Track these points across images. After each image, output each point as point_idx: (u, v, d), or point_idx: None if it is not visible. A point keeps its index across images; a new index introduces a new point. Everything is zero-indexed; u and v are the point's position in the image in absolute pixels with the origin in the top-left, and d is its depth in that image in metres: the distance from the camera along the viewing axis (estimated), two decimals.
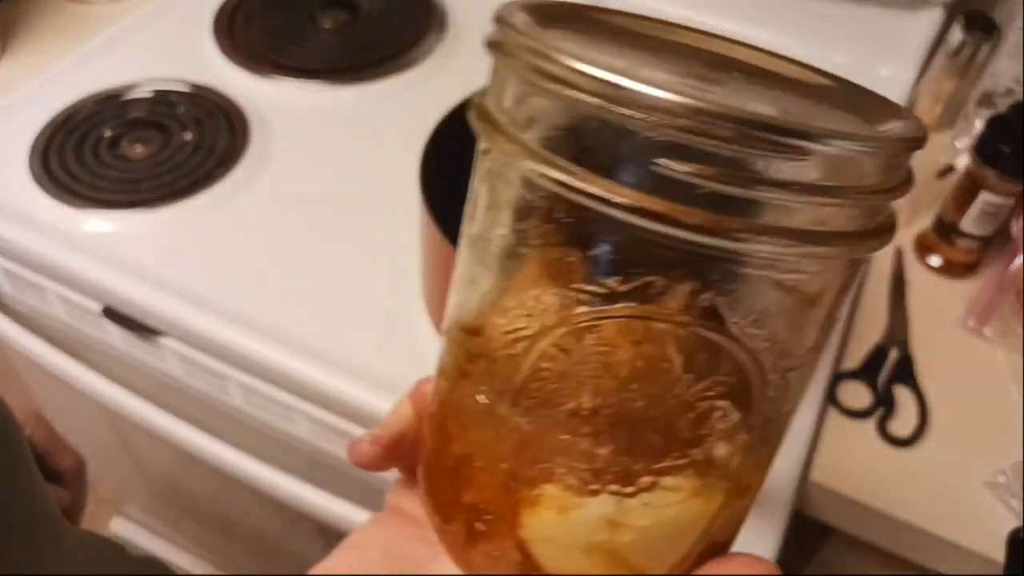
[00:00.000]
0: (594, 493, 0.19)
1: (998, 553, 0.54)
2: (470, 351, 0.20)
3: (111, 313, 0.70)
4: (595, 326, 0.18)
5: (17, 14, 0.94)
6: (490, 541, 0.20)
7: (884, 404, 0.64)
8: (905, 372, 0.66)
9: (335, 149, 0.79)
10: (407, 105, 0.82)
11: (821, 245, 0.17)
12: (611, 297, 0.17)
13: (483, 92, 0.20)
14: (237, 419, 0.73)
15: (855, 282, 0.19)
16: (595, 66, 0.16)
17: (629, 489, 0.19)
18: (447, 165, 0.61)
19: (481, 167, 0.20)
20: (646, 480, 0.19)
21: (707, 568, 0.21)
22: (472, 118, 0.20)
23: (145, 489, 1.08)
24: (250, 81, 0.84)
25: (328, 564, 0.25)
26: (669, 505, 0.19)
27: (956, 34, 0.80)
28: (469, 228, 0.21)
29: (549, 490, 0.19)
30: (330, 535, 0.79)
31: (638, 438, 0.18)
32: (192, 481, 0.96)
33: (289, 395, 0.65)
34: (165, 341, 0.69)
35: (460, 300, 0.21)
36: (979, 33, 0.79)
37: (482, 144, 0.20)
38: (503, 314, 0.19)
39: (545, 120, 0.18)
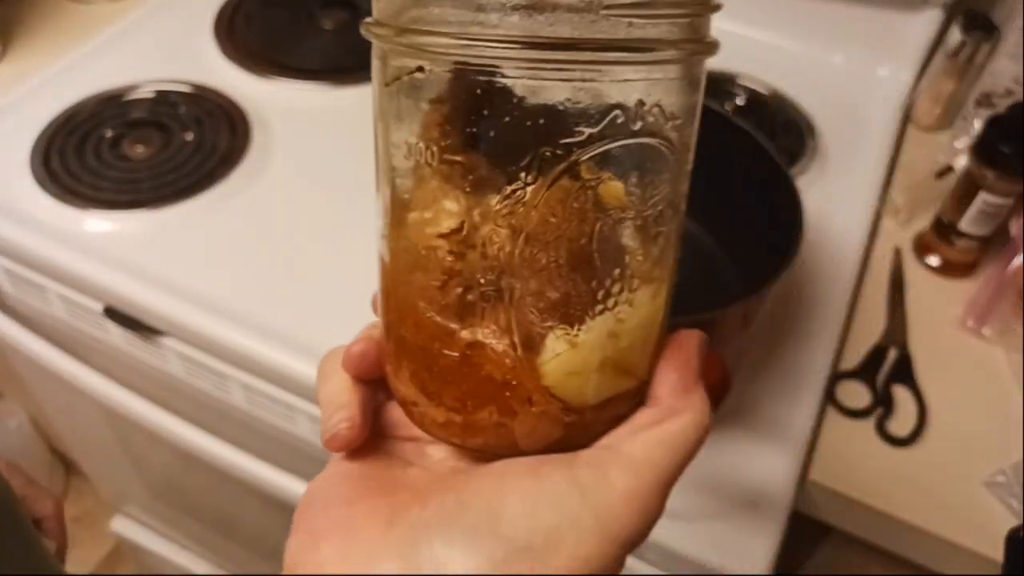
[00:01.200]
0: (592, 318, 0.22)
1: (997, 553, 0.54)
2: (455, 254, 0.23)
3: (112, 313, 0.70)
4: (554, 193, 0.21)
5: (18, 14, 0.94)
6: (523, 403, 0.23)
7: (883, 404, 0.64)
8: (904, 372, 0.66)
9: (336, 149, 0.79)
10: None
11: (663, 50, 0.21)
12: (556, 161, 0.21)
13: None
14: (238, 418, 0.73)
15: (700, 94, 0.23)
16: None
17: (615, 306, 0.23)
18: None
19: (385, 100, 0.23)
20: (625, 294, 0.23)
21: (670, 353, 0.25)
22: (365, 32, 0.23)
23: (146, 488, 1.08)
24: (251, 81, 0.84)
25: (320, 478, 0.26)
26: (644, 304, 0.23)
27: (955, 34, 0.80)
28: (395, 163, 0.23)
29: (558, 335, 0.22)
30: None
31: (609, 266, 0.22)
32: (193, 480, 0.96)
33: (290, 394, 0.65)
34: (166, 341, 0.69)
35: (414, 229, 0.23)
36: (978, 33, 0.79)
37: (380, 59, 0.23)
38: (475, 219, 0.22)
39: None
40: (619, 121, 0.21)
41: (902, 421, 0.63)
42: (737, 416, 0.61)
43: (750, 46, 0.92)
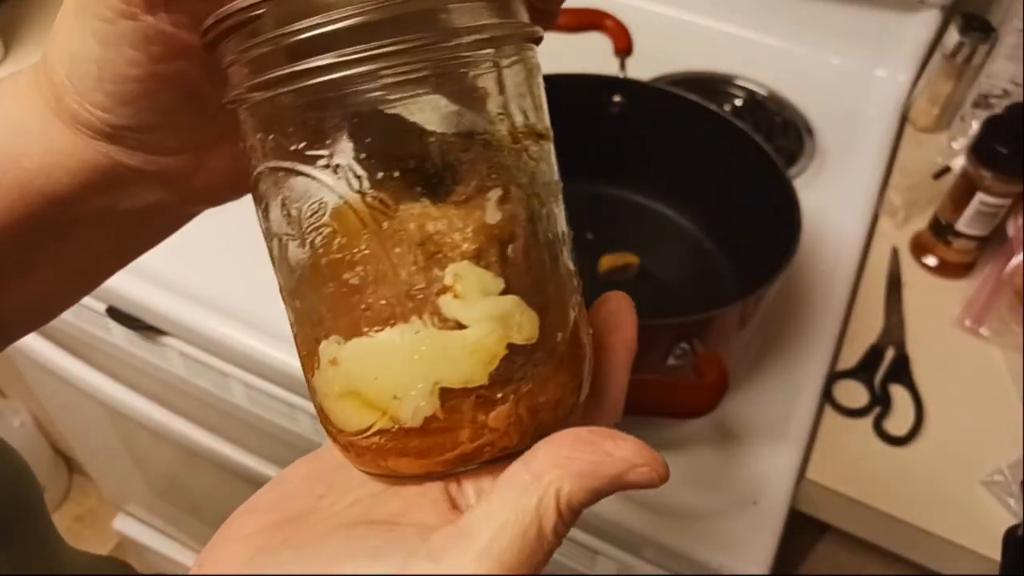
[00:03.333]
0: (319, 343, 0.23)
1: (995, 551, 0.54)
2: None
3: (115, 313, 0.70)
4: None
5: (21, 15, 0.94)
6: (318, 407, 0.24)
7: (880, 403, 0.64)
8: (901, 371, 0.66)
9: None
10: None
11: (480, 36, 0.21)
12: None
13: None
14: (240, 417, 0.73)
15: (533, 80, 0.23)
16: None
17: (328, 334, 0.23)
18: None
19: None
20: (322, 326, 0.23)
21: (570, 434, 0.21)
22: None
23: (148, 487, 1.08)
24: None
25: (253, 498, 0.26)
26: (364, 338, 0.22)
27: (953, 36, 0.81)
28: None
29: (320, 351, 0.23)
30: None
31: (308, 288, 0.23)
32: (195, 479, 0.96)
33: (291, 393, 0.66)
34: (168, 340, 0.70)
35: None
36: (976, 35, 0.80)
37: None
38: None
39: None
40: (265, 146, 0.22)
41: (899, 420, 0.64)
42: (735, 415, 0.62)
43: (748, 47, 0.92)
